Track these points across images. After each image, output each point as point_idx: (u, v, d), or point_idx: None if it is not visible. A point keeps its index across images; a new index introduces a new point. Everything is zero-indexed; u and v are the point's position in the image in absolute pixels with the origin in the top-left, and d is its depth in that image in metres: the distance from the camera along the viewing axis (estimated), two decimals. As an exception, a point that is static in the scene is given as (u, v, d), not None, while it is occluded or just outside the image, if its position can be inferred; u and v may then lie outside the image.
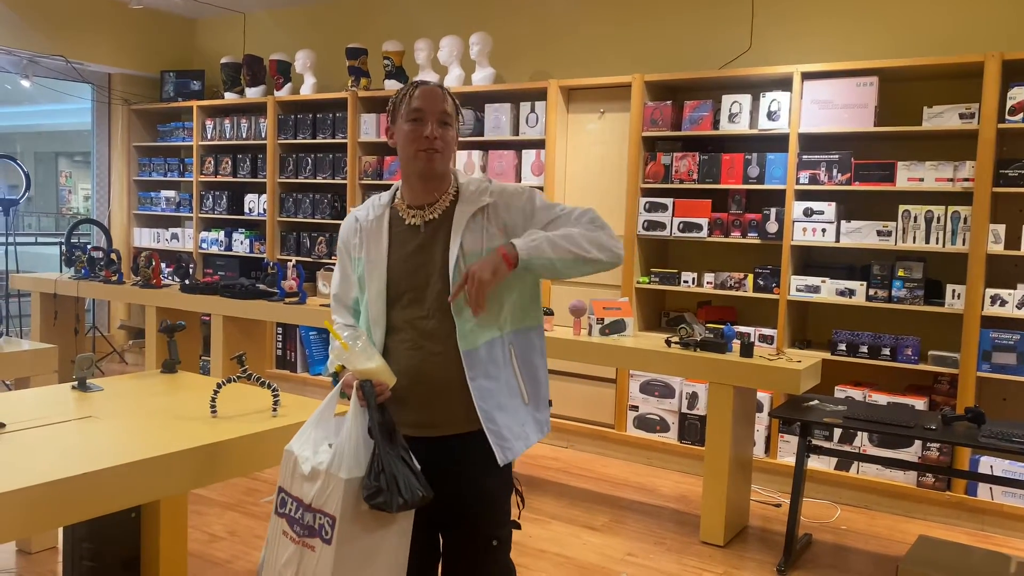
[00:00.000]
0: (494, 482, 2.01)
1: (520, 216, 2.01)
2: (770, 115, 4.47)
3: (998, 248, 3.96)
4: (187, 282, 5.54)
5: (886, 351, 4.21)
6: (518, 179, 5.35)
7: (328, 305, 4.91)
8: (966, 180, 4.02)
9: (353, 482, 1.84)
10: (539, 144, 5.28)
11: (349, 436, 1.87)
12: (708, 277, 4.74)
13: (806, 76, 4.37)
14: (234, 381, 2.54)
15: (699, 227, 4.70)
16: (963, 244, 4.03)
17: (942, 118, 4.07)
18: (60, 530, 3.07)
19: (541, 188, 5.24)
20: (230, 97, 6.73)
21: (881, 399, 4.20)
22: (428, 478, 1.88)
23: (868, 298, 4.26)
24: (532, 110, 5.27)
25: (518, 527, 2.13)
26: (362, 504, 1.84)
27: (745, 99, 4.56)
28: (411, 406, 1.98)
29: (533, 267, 1.92)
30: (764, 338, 4.55)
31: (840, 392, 4.33)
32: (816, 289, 4.38)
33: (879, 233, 4.23)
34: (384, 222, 2.04)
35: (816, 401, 3.72)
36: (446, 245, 1.97)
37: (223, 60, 6.77)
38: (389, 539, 1.90)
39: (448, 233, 1.97)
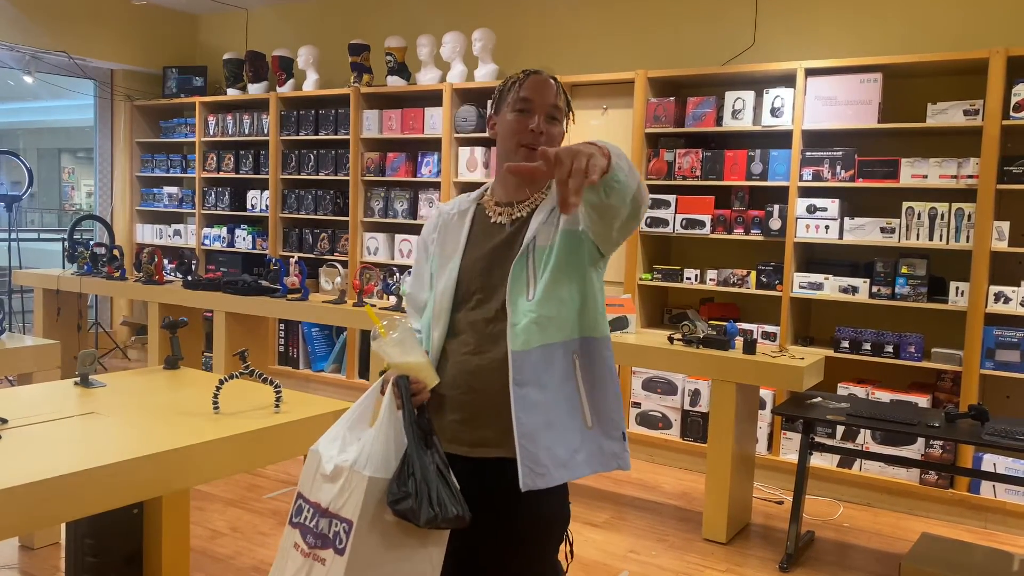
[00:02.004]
0: (533, 516, 1.75)
1: None
2: (774, 111, 4.46)
3: (1002, 245, 3.95)
4: (189, 278, 5.54)
5: (889, 348, 4.20)
6: (521, 175, 5.33)
7: (329, 302, 4.93)
8: (970, 177, 4.01)
9: (377, 482, 1.61)
10: (542, 140, 5.26)
11: (379, 432, 1.65)
12: (711, 274, 4.73)
13: (810, 72, 4.35)
14: (236, 377, 2.54)
15: (702, 224, 4.69)
16: (967, 241, 4.02)
17: (946, 115, 4.05)
18: (63, 526, 3.08)
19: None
20: (232, 93, 6.73)
21: (884, 396, 4.19)
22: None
23: (871, 295, 4.25)
24: (535, 106, 5.25)
25: (563, 572, 1.88)
26: (386, 512, 1.61)
27: (748, 95, 4.55)
28: (457, 417, 1.75)
29: (609, 184, 1.50)
30: (767, 335, 4.55)
31: (843, 389, 4.33)
32: (819, 286, 4.38)
33: (882, 230, 4.22)
34: (467, 217, 1.88)
35: (819, 398, 3.71)
36: (522, 242, 1.78)
37: (225, 56, 6.76)
38: (414, 563, 1.64)
39: (526, 232, 1.79)
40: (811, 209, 4.36)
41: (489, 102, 1.87)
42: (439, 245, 1.90)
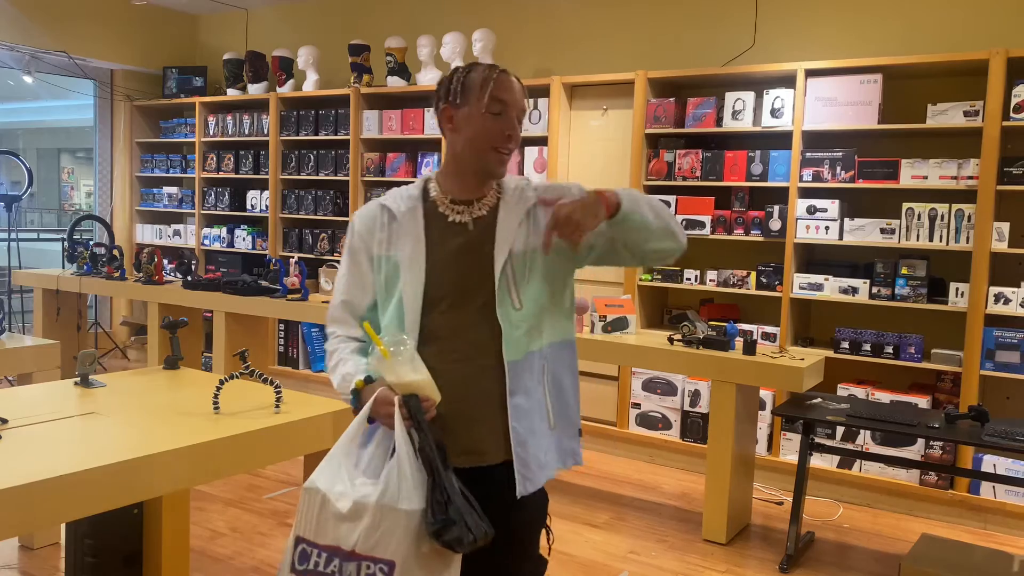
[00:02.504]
0: (523, 517, 1.76)
1: None
2: (774, 112, 4.46)
3: (1002, 246, 3.95)
4: (189, 278, 5.54)
5: (889, 349, 4.20)
6: (521, 176, 5.33)
7: (329, 302, 4.92)
8: (970, 178, 4.01)
9: (414, 515, 1.53)
10: (542, 141, 5.27)
11: (402, 461, 1.56)
12: (711, 275, 4.73)
13: (810, 73, 4.35)
14: (236, 378, 2.53)
15: (702, 224, 4.69)
16: (967, 242, 4.02)
17: (946, 115, 4.06)
18: (62, 526, 3.07)
19: (544, 185, 5.22)
20: (232, 93, 6.73)
21: (884, 397, 4.19)
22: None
23: (871, 296, 4.25)
24: (535, 107, 5.26)
25: (545, 564, 1.87)
26: (424, 543, 1.53)
27: (749, 96, 4.55)
28: (452, 429, 1.70)
29: (628, 223, 1.68)
30: (767, 336, 4.55)
31: (843, 390, 4.33)
32: (819, 287, 4.38)
33: (883, 231, 4.22)
34: (419, 216, 1.78)
35: (819, 399, 3.71)
36: (491, 249, 1.76)
37: (225, 56, 6.76)
38: None
39: (494, 233, 1.77)
40: (811, 210, 4.36)
41: (441, 89, 1.78)
42: (396, 248, 1.77)
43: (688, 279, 4.78)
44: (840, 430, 4.28)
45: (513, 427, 1.70)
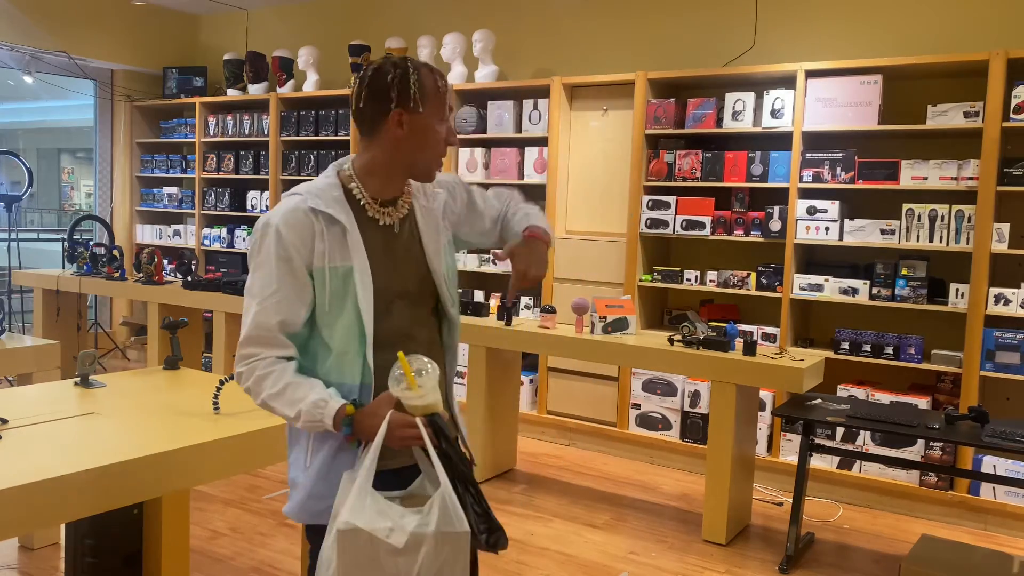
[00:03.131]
0: None
1: (461, 205, 1.89)
2: (774, 113, 4.46)
3: (1002, 247, 3.95)
4: (189, 279, 5.54)
5: (889, 350, 4.20)
6: (521, 176, 5.34)
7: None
8: (970, 179, 4.01)
9: (468, 534, 1.53)
10: (542, 141, 5.27)
11: (445, 485, 1.53)
12: (711, 275, 4.73)
13: (810, 74, 4.35)
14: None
15: (702, 225, 4.69)
16: (967, 243, 4.02)
17: (946, 116, 4.06)
18: (62, 526, 3.07)
19: (544, 186, 5.23)
20: (233, 94, 6.73)
21: (884, 398, 4.19)
22: None
23: (871, 297, 4.25)
24: (535, 107, 5.26)
25: None
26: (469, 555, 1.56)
27: (749, 97, 4.55)
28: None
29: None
30: (767, 336, 4.55)
31: (843, 391, 4.33)
32: (819, 288, 4.38)
33: (883, 232, 4.22)
34: (351, 220, 1.69)
35: (819, 400, 3.71)
36: (422, 245, 1.77)
37: (226, 57, 6.77)
38: None
39: (418, 231, 1.78)
40: (811, 211, 4.36)
41: (388, 87, 1.67)
42: (333, 255, 1.66)
43: (688, 280, 4.78)
44: (840, 431, 4.28)
45: (455, 413, 1.81)
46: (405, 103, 1.66)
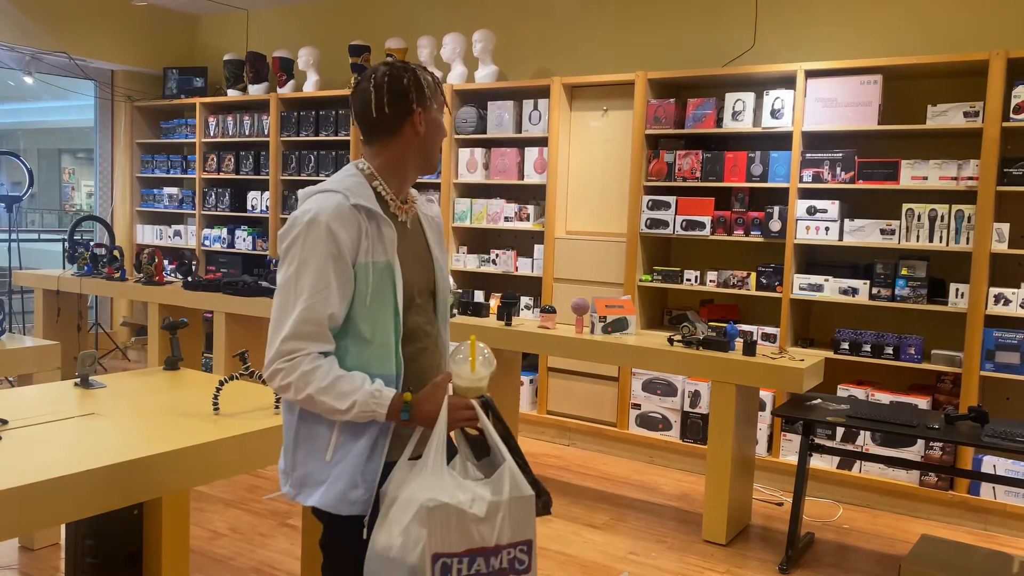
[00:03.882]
0: None
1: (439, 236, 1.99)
2: (774, 113, 4.46)
3: (1002, 247, 3.95)
4: (190, 279, 5.54)
5: (889, 350, 4.20)
6: (521, 177, 5.35)
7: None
8: (970, 179, 4.01)
9: (533, 496, 1.71)
10: (542, 142, 5.28)
11: (507, 456, 1.70)
12: (711, 275, 4.73)
13: (810, 74, 4.36)
14: (236, 378, 2.54)
15: (702, 225, 4.69)
16: (967, 243, 4.02)
17: (946, 116, 4.06)
18: (62, 527, 3.07)
19: (544, 186, 5.23)
20: (233, 94, 6.74)
21: (884, 398, 4.19)
22: None
23: (871, 297, 4.25)
24: (535, 107, 5.26)
25: None
26: None
27: (748, 97, 4.55)
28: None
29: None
30: (767, 337, 4.55)
31: (843, 391, 4.33)
32: (819, 288, 4.38)
33: (882, 231, 4.22)
34: (384, 217, 1.76)
35: (819, 400, 3.71)
36: (427, 243, 1.88)
37: (226, 57, 6.77)
38: None
39: (423, 229, 1.89)
40: (811, 211, 4.36)
41: (402, 89, 1.74)
42: (376, 250, 1.73)
43: (688, 280, 4.78)
44: (840, 431, 4.28)
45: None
46: (423, 103, 1.76)
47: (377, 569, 1.65)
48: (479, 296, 5.48)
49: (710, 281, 4.73)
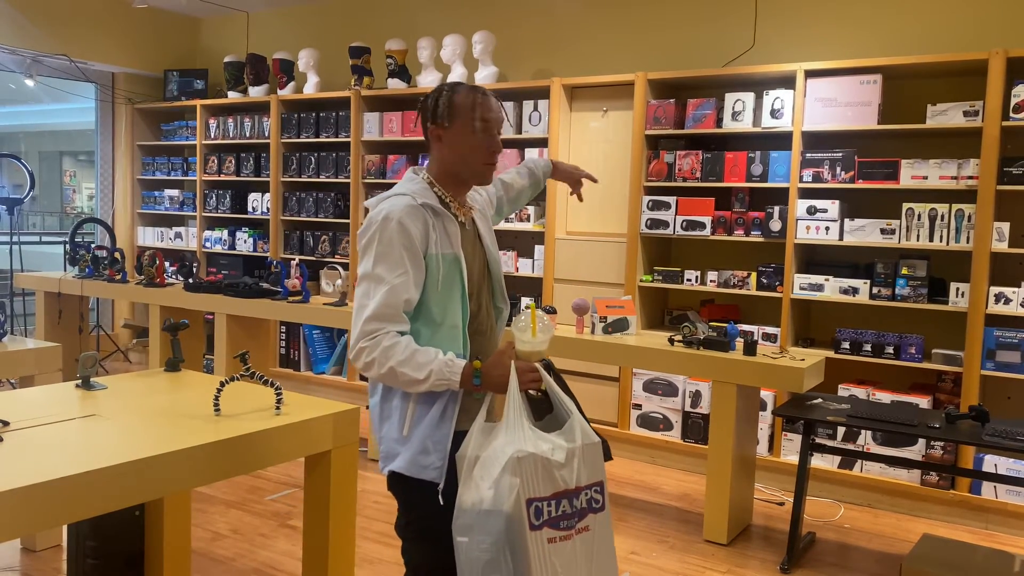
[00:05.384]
0: None
1: (497, 202, 2.44)
2: (773, 113, 4.46)
3: (1002, 246, 3.95)
4: (191, 281, 5.54)
5: (890, 349, 4.20)
6: (521, 177, 5.34)
7: (330, 304, 4.93)
8: (970, 178, 4.01)
9: (601, 443, 1.95)
10: (542, 142, 5.28)
11: (573, 409, 1.92)
12: (711, 275, 4.73)
13: (809, 74, 4.36)
14: (237, 380, 2.54)
15: (702, 225, 4.69)
16: (967, 242, 4.02)
17: (946, 116, 4.06)
18: (64, 528, 3.08)
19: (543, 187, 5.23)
20: (233, 96, 6.74)
21: (885, 397, 4.19)
22: None
23: (872, 296, 4.25)
24: (535, 108, 5.26)
25: None
26: None
27: (748, 97, 4.56)
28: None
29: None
30: (767, 336, 4.55)
31: (843, 390, 4.33)
32: (820, 287, 4.38)
33: (883, 231, 4.22)
34: (448, 215, 2.01)
35: (819, 399, 3.71)
36: (482, 242, 2.12)
37: (226, 59, 6.78)
38: None
39: (478, 229, 2.12)
40: (811, 210, 4.36)
41: (428, 108, 2.03)
42: (444, 243, 1.97)
43: (689, 280, 4.78)
44: (841, 430, 4.28)
45: None
46: (436, 120, 2.00)
47: (470, 524, 1.82)
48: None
49: (710, 281, 4.73)
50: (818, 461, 4.31)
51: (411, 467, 1.95)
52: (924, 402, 4.12)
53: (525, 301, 4.47)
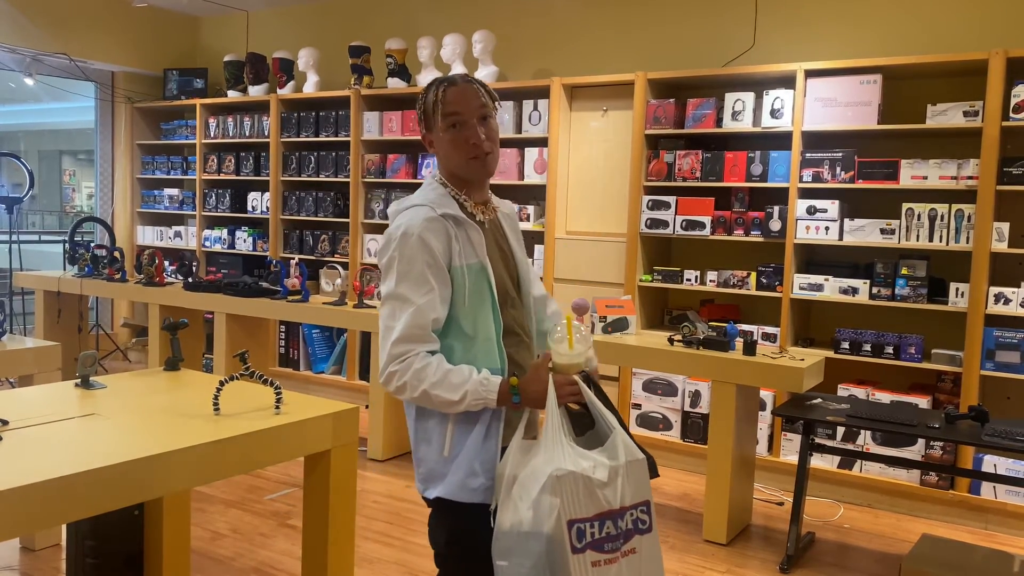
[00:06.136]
0: None
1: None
2: (773, 113, 4.46)
3: (1002, 246, 3.95)
4: (190, 280, 5.54)
5: (889, 349, 4.20)
6: (521, 177, 5.35)
7: (330, 304, 4.93)
8: (970, 178, 4.01)
9: (646, 459, 1.84)
10: (542, 142, 5.28)
11: (615, 424, 1.82)
12: (711, 275, 4.73)
13: (809, 74, 4.36)
14: (237, 379, 2.54)
15: (702, 225, 4.69)
16: (967, 242, 4.02)
17: (946, 116, 4.06)
18: (63, 527, 3.08)
19: (544, 186, 5.24)
20: (233, 95, 6.74)
21: (884, 397, 4.19)
22: None
23: (871, 296, 4.25)
24: (535, 108, 5.26)
25: None
26: None
27: (748, 97, 4.55)
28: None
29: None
30: (767, 336, 4.55)
31: (843, 390, 4.33)
32: (819, 287, 4.38)
33: (882, 231, 4.22)
34: (469, 221, 1.89)
35: (819, 399, 3.71)
36: (508, 245, 2.00)
37: (226, 58, 6.77)
38: None
39: (504, 230, 2.01)
40: (811, 210, 4.36)
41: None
42: (468, 254, 1.86)
43: (688, 280, 4.78)
44: (840, 430, 4.28)
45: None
46: (421, 126, 1.93)
47: (509, 547, 1.73)
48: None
49: (710, 281, 4.73)
50: (817, 461, 4.31)
51: (460, 492, 1.84)
52: (924, 402, 4.12)
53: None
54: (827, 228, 4.33)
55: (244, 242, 6.67)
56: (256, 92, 6.60)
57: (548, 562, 1.70)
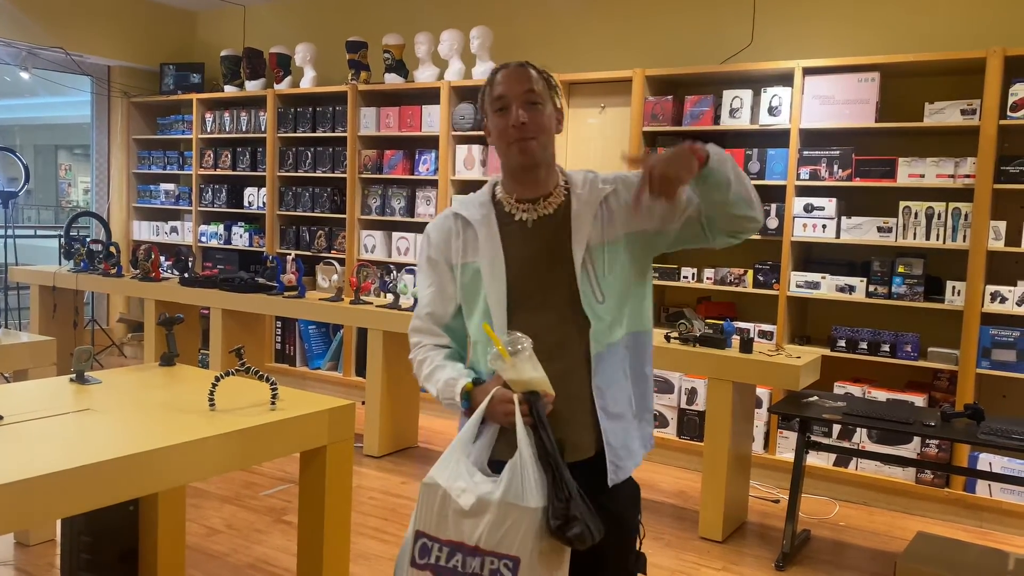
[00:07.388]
0: (618, 506, 1.77)
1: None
2: (771, 110, 4.46)
3: (998, 245, 3.96)
4: (186, 275, 5.53)
5: (886, 347, 4.20)
6: (518, 174, 5.34)
7: (326, 300, 4.92)
8: (967, 177, 4.01)
9: (538, 512, 1.56)
10: (539, 139, 5.26)
11: (526, 459, 1.60)
12: (708, 273, 4.73)
13: (807, 71, 4.35)
14: (233, 374, 2.53)
15: (699, 222, 4.68)
16: (963, 241, 4.02)
17: (943, 114, 4.06)
18: (58, 523, 3.07)
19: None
20: (230, 90, 6.72)
21: (880, 395, 4.20)
22: None
23: (868, 294, 4.25)
24: (532, 104, 5.24)
25: (644, 560, 1.85)
26: (544, 540, 1.57)
27: (746, 94, 4.55)
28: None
29: (712, 180, 1.68)
30: (764, 334, 4.55)
31: (839, 388, 4.33)
32: (816, 285, 4.38)
33: (879, 229, 4.22)
34: (492, 220, 1.81)
35: (815, 397, 3.72)
36: (568, 244, 1.77)
37: (223, 53, 6.75)
38: None
39: (569, 231, 1.78)
40: (808, 208, 4.36)
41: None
42: (476, 254, 1.79)
43: (685, 277, 4.78)
44: (836, 428, 4.29)
45: (602, 419, 1.74)
46: (483, 115, 1.87)
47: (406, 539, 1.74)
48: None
49: (707, 278, 4.73)
50: (813, 459, 4.32)
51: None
52: (920, 400, 4.12)
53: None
54: (824, 226, 4.34)
55: (240, 237, 6.66)
56: (253, 87, 6.58)
57: (402, 565, 1.69)
